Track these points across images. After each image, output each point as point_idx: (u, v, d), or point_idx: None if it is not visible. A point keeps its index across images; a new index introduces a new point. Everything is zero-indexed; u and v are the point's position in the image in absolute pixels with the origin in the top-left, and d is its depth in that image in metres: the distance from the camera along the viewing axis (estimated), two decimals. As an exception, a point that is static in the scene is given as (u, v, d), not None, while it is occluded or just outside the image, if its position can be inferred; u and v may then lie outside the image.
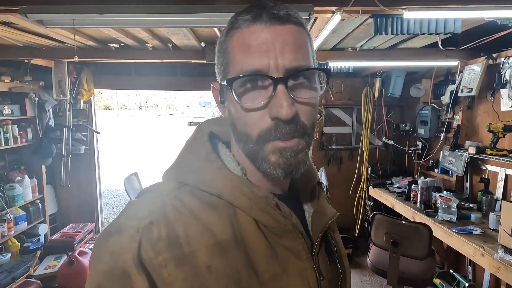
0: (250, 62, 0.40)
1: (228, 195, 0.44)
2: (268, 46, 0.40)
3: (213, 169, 0.45)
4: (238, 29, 0.42)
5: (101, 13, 1.20)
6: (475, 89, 2.35)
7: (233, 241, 0.42)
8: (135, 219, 0.41)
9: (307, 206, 0.52)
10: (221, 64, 0.45)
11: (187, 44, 2.40)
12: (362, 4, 1.29)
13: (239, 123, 0.44)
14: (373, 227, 2.05)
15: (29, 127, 3.18)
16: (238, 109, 0.43)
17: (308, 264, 0.45)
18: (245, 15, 0.42)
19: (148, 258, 0.39)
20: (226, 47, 0.44)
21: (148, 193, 0.46)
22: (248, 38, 0.41)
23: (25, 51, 2.51)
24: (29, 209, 3.15)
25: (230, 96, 0.43)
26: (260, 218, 0.44)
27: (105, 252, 0.40)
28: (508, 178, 2.24)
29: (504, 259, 1.51)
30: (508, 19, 1.36)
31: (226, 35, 0.44)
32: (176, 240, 0.40)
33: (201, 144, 0.48)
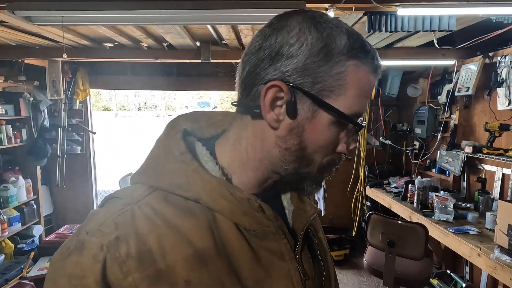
0: (361, 107, 0.42)
1: (206, 199, 0.41)
2: (369, 98, 0.43)
3: (189, 171, 0.41)
4: (364, 67, 0.40)
5: (90, 9, 1.18)
6: (471, 88, 2.34)
7: (213, 249, 0.39)
8: (98, 234, 0.37)
9: (287, 203, 0.50)
10: (318, 77, 0.39)
11: (181, 43, 2.38)
12: (355, 1, 1.27)
13: (314, 148, 0.41)
14: (369, 227, 2.03)
15: (23, 127, 3.15)
16: (326, 138, 0.41)
17: (292, 265, 0.44)
18: (371, 57, 0.41)
19: (116, 280, 0.36)
20: (342, 71, 0.39)
21: (114, 200, 0.42)
22: (368, 85, 0.41)
23: (18, 50, 2.49)
24: (24, 210, 3.12)
25: (322, 120, 0.40)
26: (241, 222, 0.41)
27: (62, 275, 0.36)
28: (505, 178, 2.23)
29: (500, 259, 1.50)
30: (503, 16, 1.35)
31: (345, 57, 0.39)
32: (148, 255, 0.37)
33: (175, 143, 0.44)
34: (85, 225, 0.39)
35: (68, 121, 3.41)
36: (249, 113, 0.43)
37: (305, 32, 0.38)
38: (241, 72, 0.43)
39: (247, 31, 2.05)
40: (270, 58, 0.39)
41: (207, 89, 3.62)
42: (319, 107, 0.39)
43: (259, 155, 0.43)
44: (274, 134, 0.41)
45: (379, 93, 3.28)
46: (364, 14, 1.38)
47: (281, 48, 0.39)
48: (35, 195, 3.26)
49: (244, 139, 0.44)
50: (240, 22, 1.47)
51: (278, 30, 0.39)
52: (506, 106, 2.18)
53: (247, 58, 0.42)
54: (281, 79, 0.39)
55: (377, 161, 3.60)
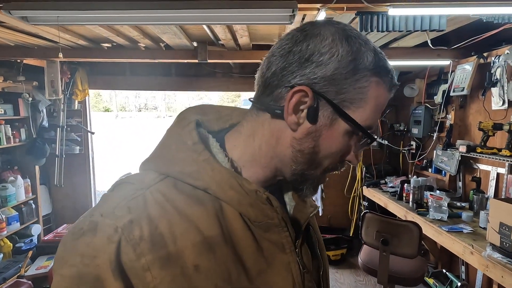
0: (375, 121, 0.44)
1: (215, 189, 0.42)
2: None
3: (200, 160, 0.42)
4: (383, 85, 0.43)
5: (85, 9, 1.20)
6: (466, 88, 2.35)
7: (221, 237, 0.40)
8: (112, 217, 0.38)
9: (289, 199, 0.51)
10: (342, 88, 0.40)
11: (178, 44, 2.40)
12: (347, 1, 1.29)
13: (326, 154, 0.43)
14: (363, 226, 2.04)
15: (22, 127, 3.18)
16: (339, 145, 0.43)
17: (292, 258, 0.45)
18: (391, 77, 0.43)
19: (129, 261, 0.36)
20: (365, 86, 0.41)
21: (126, 185, 0.42)
22: (383, 102, 0.44)
23: (17, 50, 2.51)
24: (22, 209, 3.14)
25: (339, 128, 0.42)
26: (247, 213, 0.43)
27: (74, 254, 0.36)
28: (499, 177, 2.24)
29: (492, 256, 1.51)
30: (493, 16, 1.37)
31: (370, 74, 0.41)
32: (160, 239, 0.37)
33: (187, 133, 0.45)
34: (98, 207, 0.40)
35: (67, 121, 3.43)
36: (269, 112, 0.43)
37: (337, 43, 0.40)
38: (265, 71, 0.43)
39: (242, 32, 2.07)
40: (299, 63, 0.40)
41: (205, 89, 3.64)
42: (338, 116, 0.41)
43: (271, 153, 0.44)
44: (291, 135, 0.43)
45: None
46: (356, 15, 1.40)
47: (312, 55, 0.40)
48: (33, 194, 3.28)
49: (259, 136, 0.45)
50: (234, 22, 1.49)
51: (311, 37, 0.41)
52: (500, 105, 2.20)
53: (274, 58, 0.42)
54: (307, 85, 0.40)
55: (374, 161, 3.61)
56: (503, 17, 1.38)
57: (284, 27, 2.03)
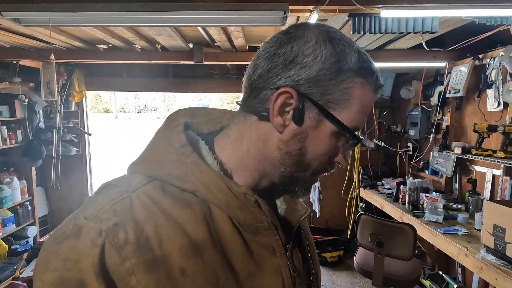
0: (361, 122, 0.44)
1: (204, 191, 0.41)
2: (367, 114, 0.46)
3: (188, 163, 0.42)
4: (368, 85, 0.43)
5: (76, 11, 1.20)
6: (462, 89, 2.36)
7: (208, 240, 0.40)
8: (96, 220, 0.37)
9: (280, 202, 0.51)
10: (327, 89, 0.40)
11: (174, 45, 2.41)
12: (339, 3, 1.29)
13: (313, 155, 0.43)
14: (359, 228, 2.04)
15: (18, 129, 3.17)
16: (326, 147, 0.43)
17: (283, 261, 0.45)
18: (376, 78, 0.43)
19: (114, 265, 0.36)
20: (349, 87, 0.41)
21: (112, 187, 0.42)
22: (368, 100, 0.43)
23: (12, 52, 2.51)
24: (18, 211, 3.13)
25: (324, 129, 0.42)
26: (236, 216, 0.42)
27: (57, 258, 0.36)
28: (495, 179, 2.24)
29: (486, 259, 1.50)
30: (485, 18, 1.37)
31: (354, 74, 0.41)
32: (145, 242, 0.37)
33: (175, 135, 0.44)
34: (82, 210, 0.39)
35: (63, 122, 3.43)
36: (256, 114, 0.43)
37: (321, 45, 0.40)
38: (252, 74, 0.43)
39: (237, 33, 2.07)
40: (284, 65, 0.40)
41: (203, 90, 3.65)
42: (324, 117, 0.41)
43: (259, 156, 0.44)
44: (277, 137, 0.43)
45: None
46: (349, 16, 1.40)
47: (296, 57, 0.40)
48: (30, 196, 3.27)
49: (246, 139, 0.45)
50: (227, 23, 1.49)
51: (295, 39, 0.41)
52: (495, 107, 2.20)
53: (259, 61, 0.43)
54: (292, 87, 0.40)
55: (371, 163, 3.60)
56: (496, 19, 1.39)
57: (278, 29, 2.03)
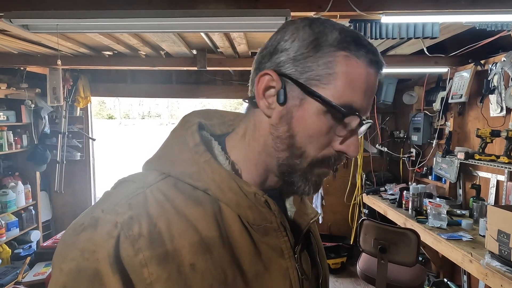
0: (359, 102, 0.41)
1: (215, 190, 0.42)
2: (371, 94, 0.43)
3: (201, 161, 0.43)
4: (357, 60, 0.41)
5: (83, 18, 1.24)
6: (464, 95, 2.36)
7: (218, 239, 0.40)
8: (113, 213, 0.38)
9: (290, 205, 0.52)
10: (307, 67, 0.41)
11: (178, 51, 2.44)
12: (340, 9, 1.31)
13: (303, 138, 0.42)
14: (361, 233, 2.02)
15: (24, 134, 3.22)
16: (316, 128, 0.41)
17: (291, 263, 0.45)
18: (365, 51, 0.41)
19: (127, 257, 0.37)
20: (331, 61, 0.40)
21: (127, 183, 0.43)
22: (365, 78, 0.41)
23: (20, 58, 2.56)
24: (22, 215, 3.15)
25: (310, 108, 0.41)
26: (246, 216, 0.43)
27: (74, 248, 0.37)
28: (499, 184, 2.22)
29: (490, 265, 1.48)
30: (485, 23, 1.38)
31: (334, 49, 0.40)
32: (158, 237, 0.38)
33: (189, 134, 0.45)
34: (99, 204, 0.41)
35: (68, 127, 3.47)
36: (250, 103, 0.46)
37: (299, 29, 0.42)
38: (251, 71, 0.47)
39: (240, 39, 2.10)
40: (270, 54, 0.43)
41: (206, 96, 3.68)
42: (307, 95, 0.41)
43: (258, 147, 0.45)
44: (268, 122, 0.43)
45: (374, 100, 3.30)
46: (350, 22, 1.42)
47: (277, 45, 0.42)
48: (34, 200, 3.29)
49: (248, 132, 0.46)
50: (230, 29, 1.52)
51: (279, 31, 0.44)
52: (498, 112, 2.19)
53: (255, 57, 0.46)
54: (273, 69, 0.42)
55: (374, 169, 3.59)
56: (496, 24, 1.40)
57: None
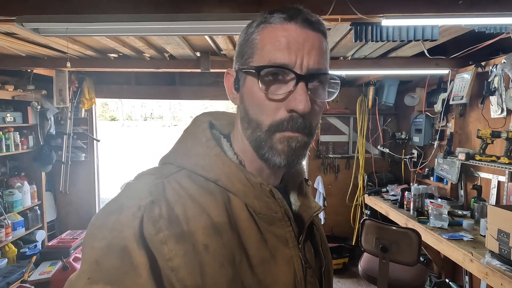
0: (279, 56, 0.43)
1: (224, 181, 0.46)
2: (298, 46, 0.43)
3: (212, 155, 0.48)
4: (271, 24, 0.44)
5: (92, 22, 1.28)
6: (465, 96, 2.38)
7: (227, 224, 0.44)
8: (136, 198, 0.43)
9: (294, 200, 0.55)
10: (244, 53, 0.47)
11: (182, 54, 2.48)
12: (341, 13, 1.34)
13: (253, 110, 0.46)
14: (363, 233, 2.04)
15: (30, 135, 3.27)
16: (258, 97, 0.45)
17: (295, 252, 0.48)
18: (280, 13, 0.44)
19: (150, 235, 0.41)
20: (254, 37, 0.45)
21: (146, 175, 0.47)
22: (281, 34, 0.43)
23: (28, 60, 2.61)
24: (28, 215, 3.20)
25: (250, 83, 0.45)
26: (253, 205, 0.46)
27: (104, 229, 0.41)
28: (500, 185, 2.23)
29: (491, 264, 1.50)
30: (484, 26, 1.41)
31: (256, 27, 0.46)
32: (175, 219, 0.42)
33: (201, 131, 0.51)
34: (123, 192, 0.46)
35: (73, 128, 3.52)
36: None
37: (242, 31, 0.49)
38: None
39: (243, 42, 2.13)
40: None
41: (209, 98, 3.72)
42: (246, 74, 0.47)
43: (239, 134, 0.50)
44: (237, 110, 0.51)
45: (376, 102, 3.33)
46: (351, 25, 1.45)
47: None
48: (39, 200, 3.34)
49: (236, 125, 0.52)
50: (234, 32, 1.56)
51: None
52: (499, 114, 2.21)
53: None
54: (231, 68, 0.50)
55: (375, 170, 3.61)
56: (495, 27, 1.42)
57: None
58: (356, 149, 3.67)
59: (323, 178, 3.70)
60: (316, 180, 3.70)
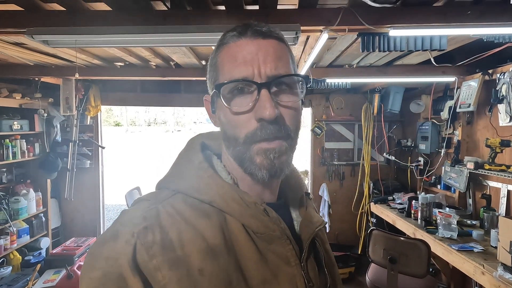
0: (237, 71, 0.45)
1: (219, 202, 0.46)
2: (252, 57, 0.45)
3: (205, 177, 0.48)
4: (226, 44, 0.47)
5: (101, 33, 1.29)
6: (472, 104, 2.36)
7: (223, 247, 0.44)
8: (130, 225, 0.43)
9: (296, 215, 0.54)
10: (212, 77, 0.49)
11: (187, 62, 2.50)
12: (348, 23, 1.34)
13: (228, 127, 0.47)
14: (371, 244, 2.01)
15: (37, 142, 3.29)
16: (227, 113, 0.46)
17: (297, 271, 0.47)
18: (232, 32, 0.47)
19: (143, 262, 0.40)
20: (216, 60, 0.48)
21: (142, 202, 0.48)
22: (234, 50, 0.46)
23: (36, 69, 2.64)
24: (33, 222, 3.20)
25: (220, 102, 0.47)
26: (250, 224, 0.46)
27: (100, 258, 0.41)
28: (510, 194, 2.19)
29: (503, 277, 1.46)
30: (493, 36, 1.40)
31: (216, 51, 0.49)
32: (169, 244, 0.42)
33: (194, 154, 0.51)
34: (118, 220, 0.46)
35: (79, 136, 3.54)
36: None
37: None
38: None
39: (249, 51, 2.14)
40: None
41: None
42: (216, 96, 0.48)
43: (226, 154, 0.51)
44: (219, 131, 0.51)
45: (381, 109, 3.32)
46: (358, 36, 1.45)
47: None
48: (44, 207, 3.34)
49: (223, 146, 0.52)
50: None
51: None
52: (507, 122, 2.19)
53: None
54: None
55: (381, 177, 3.58)
56: (504, 36, 1.41)
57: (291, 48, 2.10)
58: (361, 156, 3.65)
59: (328, 185, 3.67)
60: (321, 188, 3.68)
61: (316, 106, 3.68)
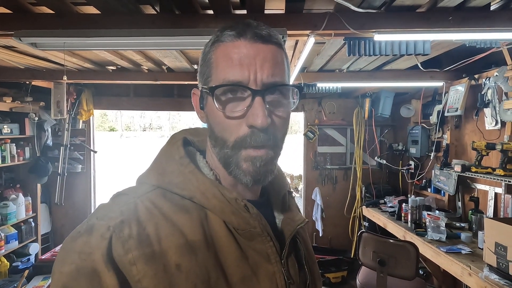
0: (232, 73, 0.43)
1: (200, 198, 0.45)
2: (250, 61, 0.44)
3: (186, 172, 0.47)
4: (223, 42, 0.45)
5: (90, 36, 1.30)
6: (460, 108, 2.40)
7: (203, 243, 0.43)
8: (106, 218, 0.42)
9: (278, 213, 0.54)
10: (204, 73, 0.48)
11: (179, 66, 2.51)
12: (334, 28, 1.37)
13: (217, 128, 0.46)
14: (361, 246, 2.02)
15: (27, 146, 3.26)
16: (218, 115, 0.45)
17: (277, 268, 0.47)
18: (230, 30, 0.45)
19: (118, 256, 0.40)
20: (210, 57, 0.46)
21: (121, 195, 0.47)
22: (231, 51, 0.44)
23: (26, 73, 2.63)
24: (22, 227, 3.15)
25: (210, 102, 0.46)
26: (230, 221, 0.46)
27: (72, 252, 0.40)
28: (497, 197, 2.23)
29: (489, 278, 1.48)
30: (475, 41, 1.44)
31: (211, 47, 0.47)
32: (146, 238, 0.41)
33: (175, 149, 0.50)
34: (94, 213, 0.45)
35: (70, 140, 3.52)
36: None
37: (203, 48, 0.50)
38: None
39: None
40: None
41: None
42: (206, 94, 0.47)
43: (210, 152, 0.50)
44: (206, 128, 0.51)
45: (372, 113, 3.36)
46: (344, 40, 1.48)
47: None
48: (34, 213, 3.29)
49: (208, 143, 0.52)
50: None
51: None
52: (493, 126, 2.23)
53: None
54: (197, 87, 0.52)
55: (373, 181, 3.60)
56: (485, 42, 1.45)
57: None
58: (353, 160, 3.67)
59: (321, 189, 3.68)
60: (314, 192, 3.69)
61: (309, 111, 3.71)
